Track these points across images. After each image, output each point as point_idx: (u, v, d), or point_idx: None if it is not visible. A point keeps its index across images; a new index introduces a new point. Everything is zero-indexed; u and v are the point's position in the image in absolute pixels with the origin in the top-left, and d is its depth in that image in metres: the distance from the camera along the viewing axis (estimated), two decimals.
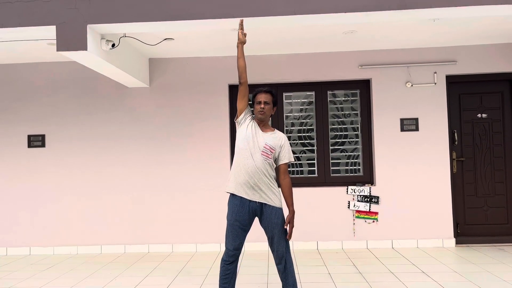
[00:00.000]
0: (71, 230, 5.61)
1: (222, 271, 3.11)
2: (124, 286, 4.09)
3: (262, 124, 3.18)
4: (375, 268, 4.49)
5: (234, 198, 3.09)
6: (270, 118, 3.49)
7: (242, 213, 3.06)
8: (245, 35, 3.18)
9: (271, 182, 3.09)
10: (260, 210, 3.07)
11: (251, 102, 3.18)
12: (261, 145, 3.07)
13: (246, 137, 3.08)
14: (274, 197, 3.08)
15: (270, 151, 3.08)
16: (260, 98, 3.16)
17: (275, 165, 3.14)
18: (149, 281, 4.26)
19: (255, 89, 3.25)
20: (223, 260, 3.12)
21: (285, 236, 3.08)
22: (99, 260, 5.15)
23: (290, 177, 3.18)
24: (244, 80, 3.12)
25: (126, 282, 4.22)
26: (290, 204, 3.11)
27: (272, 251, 3.11)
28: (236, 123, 3.20)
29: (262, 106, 3.13)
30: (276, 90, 3.26)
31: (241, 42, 3.16)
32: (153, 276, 4.41)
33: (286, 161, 3.14)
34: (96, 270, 4.70)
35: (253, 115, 3.21)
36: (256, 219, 3.16)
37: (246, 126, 3.12)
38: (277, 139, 3.14)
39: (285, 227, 3.07)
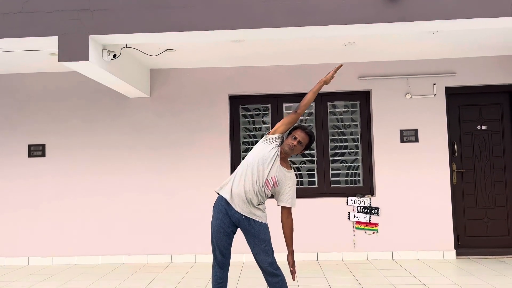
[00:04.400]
0: (70, 240, 5.58)
1: (215, 280, 3.12)
2: None
3: (283, 157, 3.13)
4: (375, 280, 4.46)
5: (220, 204, 3.09)
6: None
7: (226, 220, 3.06)
8: (333, 78, 3.19)
9: (261, 204, 3.11)
10: (246, 224, 3.05)
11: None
12: (271, 175, 3.04)
13: (262, 157, 3.05)
14: (261, 214, 3.09)
15: (274, 185, 3.06)
16: (298, 135, 3.11)
17: (269, 195, 3.13)
18: None
19: (299, 124, 3.19)
20: (214, 269, 3.13)
21: (270, 249, 3.06)
22: (98, 271, 5.12)
23: (292, 219, 3.13)
24: (300, 112, 3.10)
25: None
26: (290, 244, 3.10)
27: (260, 267, 3.08)
28: (264, 137, 3.16)
29: (295, 143, 3.08)
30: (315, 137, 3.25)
31: (325, 82, 3.17)
32: (151, 287, 4.38)
33: (288, 205, 3.10)
34: (94, 281, 4.66)
35: (281, 143, 3.16)
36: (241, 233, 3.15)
37: (270, 148, 3.08)
38: (287, 179, 3.10)
39: (290, 268, 3.07)
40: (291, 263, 3.08)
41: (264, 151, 3.07)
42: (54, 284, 4.57)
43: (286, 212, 3.11)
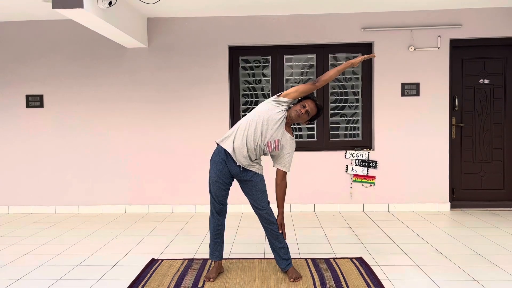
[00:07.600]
0: (72, 190, 5.68)
1: (213, 226, 3.20)
2: (125, 244, 4.18)
3: (287, 122, 3.14)
4: (370, 230, 4.58)
5: (219, 156, 3.11)
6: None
7: (225, 171, 3.11)
8: (361, 62, 3.14)
9: (259, 159, 3.17)
10: (244, 176, 3.11)
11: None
12: (274, 137, 3.04)
13: (268, 118, 3.03)
14: (259, 166, 3.16)
15: (275, 148, 3.07)
16: (308, 105, 3.11)
17: (267, 155, 3.18)
18: (150, 240, 4.35)
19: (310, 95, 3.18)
20: (212, 216, 3.19)
21: (266, 198, 3.18)
22: (100, 220, 5.25)
23: (286, 182, 3.20)
24: (318, 85, 3.08)
25: (127, 240, 4.31)
26: (281, 205, 3.19)
27: (257, 214, 3.19)
28: (274, 97, 3.12)
29: (303, 111, 3.09)
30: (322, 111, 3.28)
31: (352, 64, 3.13)
32: (153, 236, 4.51)
33: (285, 170, 3.15)
34: (97, 229, 4.80)
35: (289, 108, 3.14)
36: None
37: (279, 111, 3.06)
38: (288, 146, 3.12)
39: (280, 231, 3.18)
40: (280, 223, 3.20)
41: (272, 112, 3.05)
42: (58, 232, 4.70)
43: (281, 175, 3.17)
